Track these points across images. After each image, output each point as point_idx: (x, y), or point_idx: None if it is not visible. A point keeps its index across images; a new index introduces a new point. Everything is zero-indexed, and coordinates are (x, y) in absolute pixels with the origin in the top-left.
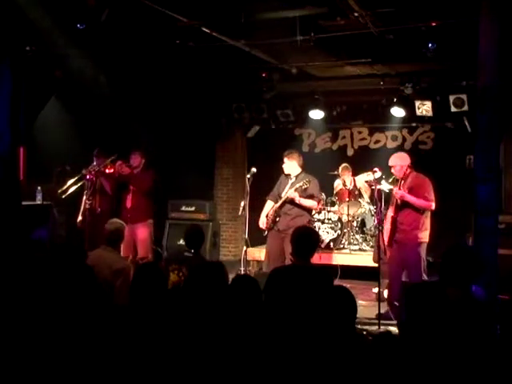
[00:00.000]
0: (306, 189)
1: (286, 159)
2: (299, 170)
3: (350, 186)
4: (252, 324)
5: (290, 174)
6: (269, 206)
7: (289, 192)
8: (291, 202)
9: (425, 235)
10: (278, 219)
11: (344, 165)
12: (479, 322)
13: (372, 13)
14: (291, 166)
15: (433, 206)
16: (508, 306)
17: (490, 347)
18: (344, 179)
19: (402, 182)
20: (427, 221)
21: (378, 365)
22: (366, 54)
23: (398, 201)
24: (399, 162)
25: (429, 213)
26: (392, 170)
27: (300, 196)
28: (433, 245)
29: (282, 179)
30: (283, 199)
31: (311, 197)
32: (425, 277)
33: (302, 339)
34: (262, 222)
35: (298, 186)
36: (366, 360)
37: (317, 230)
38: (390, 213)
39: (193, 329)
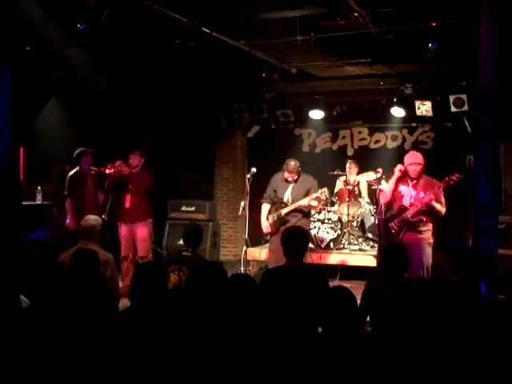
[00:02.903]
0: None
1: (293, 174)
2: (297, 174)
3: (353, 184)
4: (249, 323)
5: (287, 179)
6: (266, 209)
7: (303, 201)
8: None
9: (431, 235)
10: (285, 224)
11: (351, 161)
12: (484, 321)
13: (372, 13)
14: (295, 176)
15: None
16: (508, 306)
17: (491, 346)
18: (349, 177)
19: (414, 182)
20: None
21: (379, 365)
22: (365, 54)
23: (419, 204)
24: (423, 161)
25: None
26: (413, 168)
27: (308, 202)
28: (433, 244)
29: (278, 182)
30: (292, 207)
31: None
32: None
33: (301, 339)
34: (266, 227)
35: (314, 196)
36: (366, 360)
37: (317, 230)
38: (407, 215)
39: (194, 329)
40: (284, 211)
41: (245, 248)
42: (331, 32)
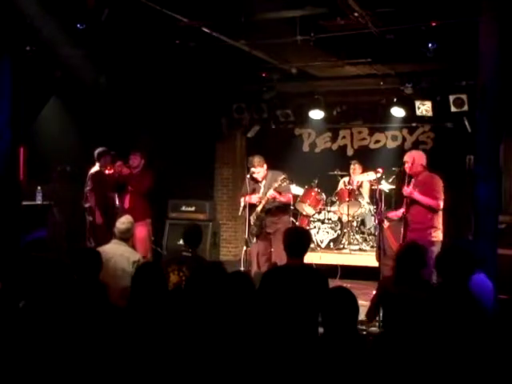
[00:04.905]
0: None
1: (258, 168)
2: (265, 171)
3: (356, 184)
4: (250, 323)
5: (257, 178)
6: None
7: (268, 193)
8: (272, 202)
9: (438, 234)
10: (264, 223)
11: (355, 161)
12: (476, 321)
13: (372, 13)
14: (262, 171)
15: (440, 204)
16: (508, 306)
17: (487, 346)
18: (352, 178)
19: (412, 179)
20: (440, 219)
21: (378, 365)
22: (365, 54)
23: (408, 199)
24: (411, 159)
25: (441, 211)
26: (405, 165)
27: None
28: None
29: (251, 184)
30: (264, 202)
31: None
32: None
33: (301, 339)
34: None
35: (276, 185)
36: (366, 360)
37: (317, 230)
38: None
39: (194, 329)
40: (258, 208)
41: (245, 248)
42: (331, 32)
